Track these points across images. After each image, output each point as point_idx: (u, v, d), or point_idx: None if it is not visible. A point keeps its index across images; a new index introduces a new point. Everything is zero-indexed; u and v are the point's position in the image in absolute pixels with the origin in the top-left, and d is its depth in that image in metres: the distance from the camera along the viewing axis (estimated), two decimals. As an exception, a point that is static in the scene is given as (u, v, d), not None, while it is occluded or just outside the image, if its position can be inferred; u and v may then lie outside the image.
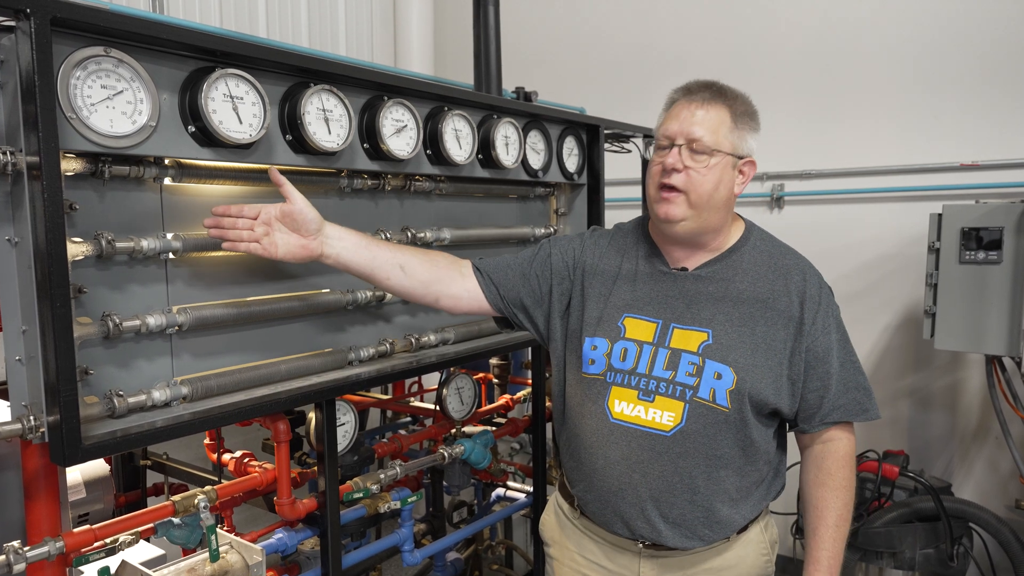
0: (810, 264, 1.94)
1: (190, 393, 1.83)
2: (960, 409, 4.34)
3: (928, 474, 3.81)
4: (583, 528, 2.05)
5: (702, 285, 1.89)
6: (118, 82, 1.61)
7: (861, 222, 4.48)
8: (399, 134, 2.23)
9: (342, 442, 2.27)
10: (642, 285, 1.94)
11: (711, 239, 1.91)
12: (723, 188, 1.83)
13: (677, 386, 1.83)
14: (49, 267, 1.46)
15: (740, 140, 1.84)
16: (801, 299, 1.85)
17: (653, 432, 1.83)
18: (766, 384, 1.81)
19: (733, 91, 1.87)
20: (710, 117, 1.81)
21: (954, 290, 3.59)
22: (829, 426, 1.89)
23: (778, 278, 1.88)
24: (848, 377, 1.88)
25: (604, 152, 3.18)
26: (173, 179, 1.83)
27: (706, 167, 1.80)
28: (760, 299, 1.85)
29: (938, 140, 4.26)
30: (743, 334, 1.83)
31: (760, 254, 1.92)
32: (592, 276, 2.00)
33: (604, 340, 1.91)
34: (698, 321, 1.86)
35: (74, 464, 1.59)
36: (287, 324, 2.14)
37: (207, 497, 2.03)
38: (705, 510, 1.85)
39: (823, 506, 1.89)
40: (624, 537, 1.93)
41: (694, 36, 4.97)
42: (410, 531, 2.63)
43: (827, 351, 1.85)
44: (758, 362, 1.81)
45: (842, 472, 1.89)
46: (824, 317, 1.86)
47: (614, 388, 1.88)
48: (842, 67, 4.50)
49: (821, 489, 1.90)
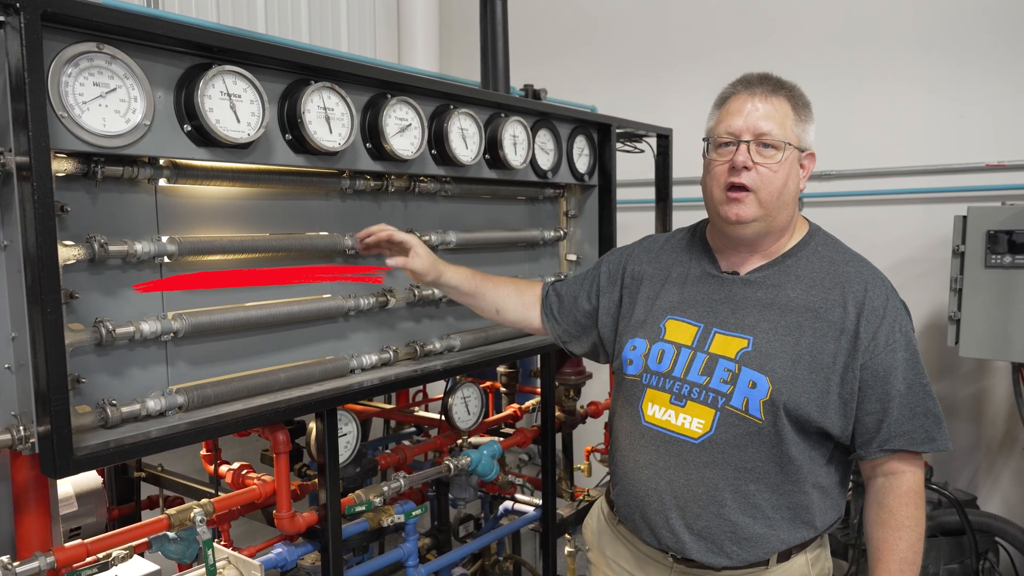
0: (878, 273, 1.84)
1: (186, 402, 1.82)
2: (986, 419, 4.30)
3: (952, 486, 3.79)
4: (619, 534, 2.04)
5: (751, 290, 1.86)
6: (111, 79, 1.60)
7: (883, 225, 4.45)
8: (403, 133, 2.22)
9: (344, 453, 2.25)
10: (690, 288, 1.93)
11: (774, 240, 1.88)
12: (791, 184, 1.82)
13: (710, 392, 1.79)
14: (39, 271, 1.45)
15: (804, 132, 1.83)
16: (859, 311, 1.76)
17: (681, 438, 1.82)
18: (807, 399, 1.74)
19: (789, 82, 1.87)
20: (775, 110, 1.79)
21: (979, 295, 3.56)
22: (890, 455, 1.78)
23: (835, 287, 1.80)
24: (916, 402, 1.76)
25: (616, 152, 3.16)
26: (168, 180, 1.83)
27: (777, 163, 1.77)
28: (811, 308, 1.79)
29: (963, 140, 4.23)
30: (786, 344, 1.77)
31: (820, 260, 1.86)
32: (641, 280, 2.03)
33: (643, 341, 1.92)
34: (741, 327, 1.82)
35: (65, 476, 1.57)
36: (287, 330, 2.13)
37: (203, 510, 2.02)
38: (732, 524, 1.80)
39: (884, 548, 1.79)
40: (653, 547, 1.91)
41: (708, 30, 4.94)
42: (414, 546, 2.61)
43: (889, 370, 1.74)
44: (799, 374, 1.74)
45: (905, 510, 1.78)
46: (888, 333, 1.75)
47: (648, 390, 1.87)
48: (862, 63, 4.47)
49: (883, 529, 1.80)
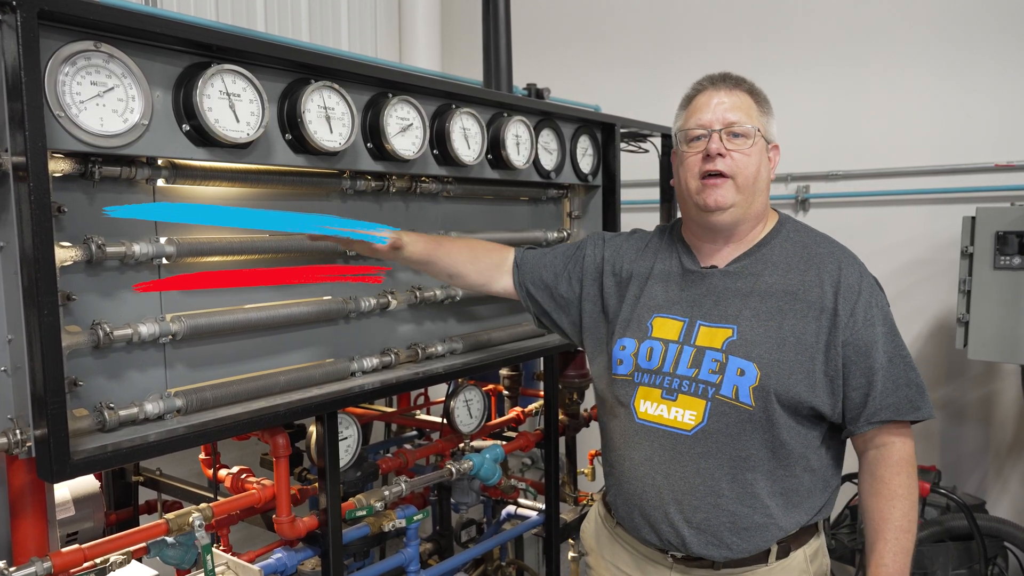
0: (849, 253, 1.92)
1: (184, 405, 1.82)
2: (995, 422, 4.29)
3: (961, 491, 3.78)
4: (617, 537, 2.05)
5: (730, 281, 1.91)
6: (109, 78, 1.60)
7: (890, 226, 4.45)
8: (404, 133, 2.21)
9: (344, 457, 2.25)
10: (673, 285, 1.98)
11: (749, 228, 1.94)
12: (763, 171, 1.90)
13: (699, 384, 1.84)
14: (36, 273, 1.44)
15: (768, 124, 1.93)
16: (835, 289, 1.83)
17: (675, 432, 1.85)
18: (796, 380, 1.79)
19: (748, 79, 1.96)
20: (740, 101, 1.89)
21: (988, 297, 3.55)
22: (878, 427, 1.83)
23: (810, 268, 1.87)
24: (898, 373, 1.82)
25: (620, 152, 3.16)
26: (167, 180, 1.82)
27: (749, 148, 1.85)
28: (789, 291, 1.85)
29: (971, 139, 4.23)
30: (769, 329, 1.82)
31: (793, 245, 1.93)
32: (630, 279, 2.05)
33: (632, 340, 1.95)
34: (724, 318, 1.87)
35: (62, 480, 1.57)
36: (286, 333, 2.13)
37: (202, 515, 2.02)
38: (731, 515, 1.82)
39: (879, 518, 1.83)
40: (653, 547, 1.93)
41: (715, 28, 4.95)
42: (416, 551, 2.61)
43: (870, 345, 1.80)
44: (785, 357, 1.79)
45: (897, 479, 1.83)
46: (866, 308, 1.82)
47: (640, 388, 1.91)
48: (870, 60, 4.46)
49: (876, 499, 1.85)
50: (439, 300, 2.53)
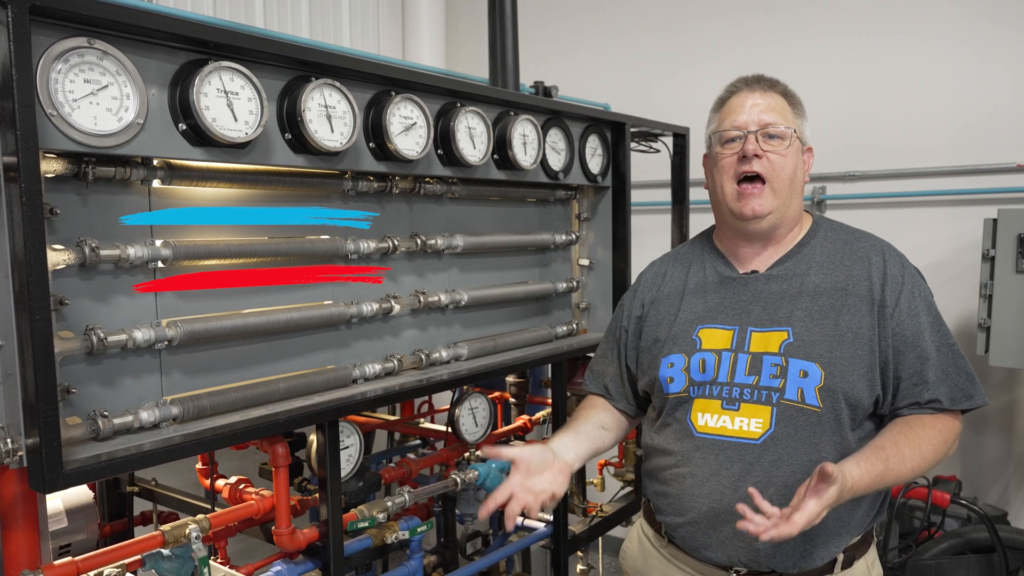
0: (890, 245, 1.95)
1: (181, 414, 1.81)
2: (1017, 431, 4.27)
3: (982, 502, 3.77)
4: (670, 557, 2.03)
5: (775, 284, 1.93)
6: (103, 76, 1.59)
7: (909, 228, 4.42)
8: (408, 132, 2.21)
9: (346, 467, 2.24)
10: (713, 295, 2.00)
11: (787, 231, 1.97)
12: (799, 173, 1.93)
13: (762, 390, 1.84)
14: (27, 277, 1.44)
15: (802, 126, 1.96)
16: (882, 280, 1.86)
17: (742, 442, 1.84)
18: (858, 376, 1.80)
19: (782, 81, 1.99)
20: (775, 103, 1.92)
21: (1010, 302, 3.54)
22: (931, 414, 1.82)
23: (855, 263, 1.90)
24: (947, 362, 1.84)
25: (631, 152, 3.15)
26: (162, 181, 1.82)
27: (785, 149, 1.88)
28: (839, 288, 1.87)
29: (993, 139, 4.21)
30: (825, 327, 1.83)
31: (833, 243, 1.96)
32: (652, 304, 2.09)
33: (681, 356, 1.95)
34: (776, 321, 1.88)
35: (55, 491, 1.57)
36: (286, 338, 2.12)
37: (199, 526, 2.02)
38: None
39: (883, 442, 1.75)
40: (715, 565, 1.91)
41: (728, 24, 4.92)
42: (420, 563, 2.60)
43: (917, 334, 1.82)
44: (845, 353, 1.80)
45: (929, 433, 1.78)
46: (910, 298, 1.85)
47: (696, 401, 1.91)
48: (887, 58, 4.45)
49: (890, 432, 1.78)
50: (443, 305, 2.52)
